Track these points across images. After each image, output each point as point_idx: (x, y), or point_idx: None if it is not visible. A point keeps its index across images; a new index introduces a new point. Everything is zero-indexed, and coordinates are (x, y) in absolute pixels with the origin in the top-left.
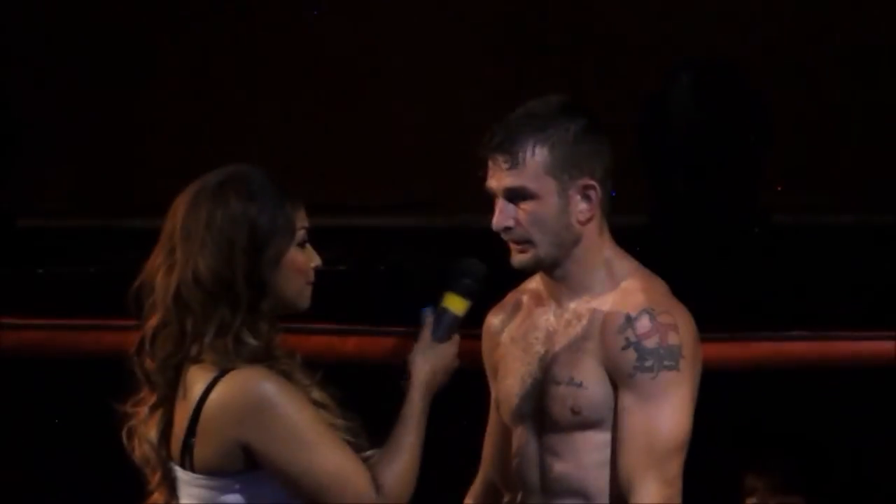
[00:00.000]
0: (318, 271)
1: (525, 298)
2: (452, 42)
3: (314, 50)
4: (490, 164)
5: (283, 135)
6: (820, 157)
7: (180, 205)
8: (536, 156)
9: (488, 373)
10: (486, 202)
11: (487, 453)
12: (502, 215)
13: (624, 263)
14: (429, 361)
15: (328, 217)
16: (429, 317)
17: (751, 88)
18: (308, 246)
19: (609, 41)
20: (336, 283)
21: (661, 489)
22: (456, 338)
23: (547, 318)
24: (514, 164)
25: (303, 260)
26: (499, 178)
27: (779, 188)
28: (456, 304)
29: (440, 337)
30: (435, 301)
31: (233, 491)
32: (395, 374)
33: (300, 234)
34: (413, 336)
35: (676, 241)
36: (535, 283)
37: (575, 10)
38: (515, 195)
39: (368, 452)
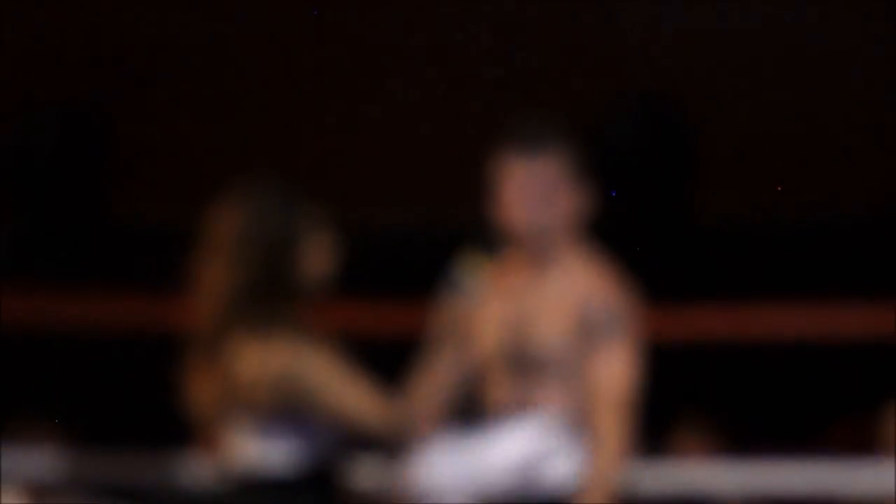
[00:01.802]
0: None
1: (495, 271)
2: (451, 75)
3: (323, 71)
4: (511, 161)
5: (304, 148)
6: (745, 169)
7: (222, 219)
8: (558, 158)
9: (451, 334)
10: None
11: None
12: (516, 204)
13: (590, 249)
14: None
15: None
16: (454, 279)
17: (677, 115)
18: (325, 232)
19: (554, 78)
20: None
21: (621, 429)
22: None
23: (517, 284)
24: (539, 162)
25: (325, 246)
26: (522, 173)
27: (779, 187)
28: (478, 267)
29: (467, 293)
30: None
31: (278, 437)
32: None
33: (319, 225)
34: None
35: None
36: (507, 256)
37: (526, 48)
38: (533, 188)
39: None
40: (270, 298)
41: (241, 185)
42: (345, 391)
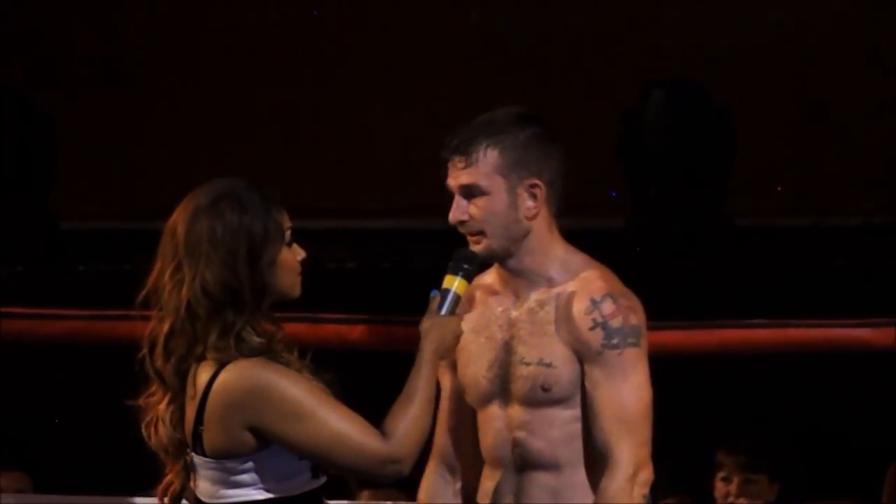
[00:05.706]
0: (330, 267)
1: (478, 293)
2: (447, 62)
3: (321, 73)
4: (448, 164)
5: (303, 148)
6: (778, 167)
7: (179, 222)
8: (488, 157)
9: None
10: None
11: (442, 442)
12: (457, 210)
13: (577, 257)
14: (437, 326)
15: (341, 220)
16: (435, 296)
17: (715, 105)
18: (294, 244)
19: (590, 63)
20: (345, 278)
21: (636, 451)
22: (460, 313)
23: (505, 307)
24: (468, 164)
25: (292, 257)
26: (455, 177)
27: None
28: (457, 285)
29: (446, 311)
30: (438, 284)
31: (243, 471)
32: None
33: (287, 234)
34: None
35: (650, 241)
36: (490, 277)
37: (559, 34)
38: (469, 192)
39: None
40: (236, 314)
41: (204, 186)
42: (319, 416)
